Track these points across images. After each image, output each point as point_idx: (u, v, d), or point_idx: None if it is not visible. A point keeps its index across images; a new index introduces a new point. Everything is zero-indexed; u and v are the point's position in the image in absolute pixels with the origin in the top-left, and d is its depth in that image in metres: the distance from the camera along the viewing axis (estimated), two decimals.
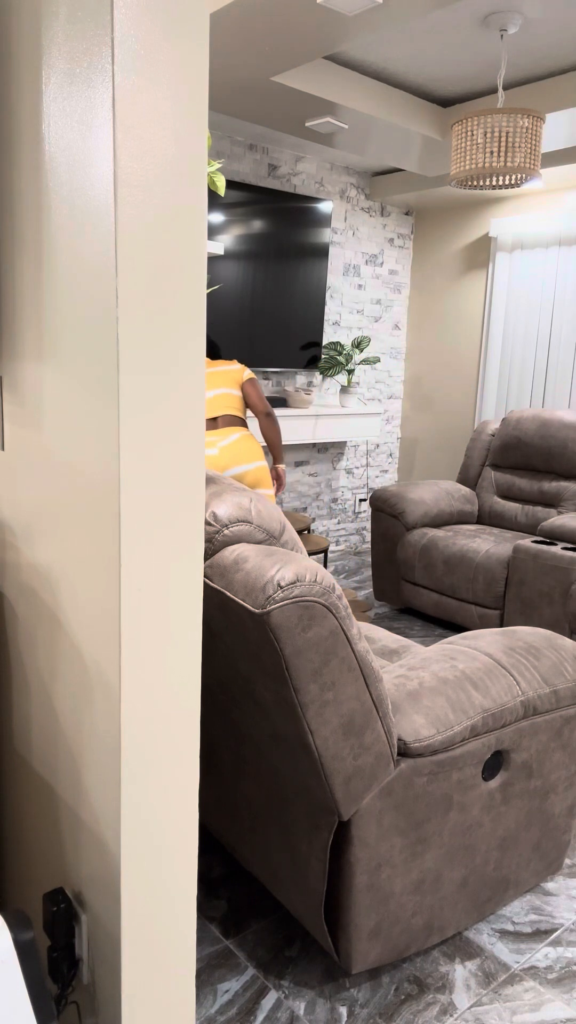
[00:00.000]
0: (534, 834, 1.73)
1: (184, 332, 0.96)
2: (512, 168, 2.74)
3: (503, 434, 3.98)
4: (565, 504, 3.73)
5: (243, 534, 1.36)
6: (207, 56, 0.92)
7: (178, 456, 0.99)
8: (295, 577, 1.22)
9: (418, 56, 3.19)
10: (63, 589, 1.12)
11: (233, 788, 1.67)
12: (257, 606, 1.21)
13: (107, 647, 1.01)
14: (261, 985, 1.55)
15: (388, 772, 1.40)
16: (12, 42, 1.09)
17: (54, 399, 1.07)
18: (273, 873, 1.60)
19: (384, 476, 5.40)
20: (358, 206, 4.74)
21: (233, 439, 3.09)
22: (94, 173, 0.91)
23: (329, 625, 1.26)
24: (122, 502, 0.95)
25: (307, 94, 3.21)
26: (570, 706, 1.70)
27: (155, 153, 0.90)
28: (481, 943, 1.68)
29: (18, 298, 1.15)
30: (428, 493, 3.91)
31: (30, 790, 1.34)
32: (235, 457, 3.05)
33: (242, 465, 3.05)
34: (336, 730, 1.31)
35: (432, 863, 1.52)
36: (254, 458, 3.06)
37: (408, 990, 1.56)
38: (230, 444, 3.08)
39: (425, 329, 5.17)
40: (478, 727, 1.51)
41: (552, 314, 4.41)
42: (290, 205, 4.21)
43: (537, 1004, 1.53)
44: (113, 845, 1.06)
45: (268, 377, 4.47)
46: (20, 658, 1.31)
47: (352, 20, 2.46)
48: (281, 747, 1.42)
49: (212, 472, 1.52)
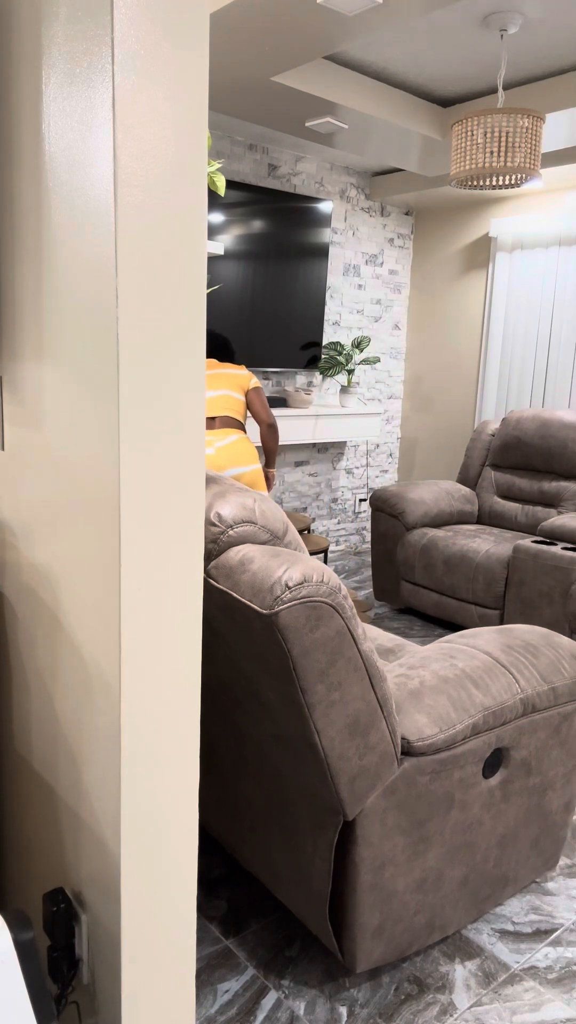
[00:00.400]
0: (532, 831, 1.73)
1: (184, 332, 0.96)
2: (512, 168, 2.74)
3: (503, 434, 3.98)
4: (565, 504, 3.73)
5: (248, 535, 1.36)
6: (207, 56, 0.92)
7: (178, 456, 0.99)
8: (302, 577, 1.22)
9: (418, 56, 3.19)
10: (63, 589, 1.12)
11: (234, 789, 1.67)
12: (265, 607, 1.21)
13: (107, 647, 1.01)
14: (261, 985, 1.55)
15: (392, 771, 1.40)
16: (12, 42, 1.09)
17: (54, 399, 1.07)
18: (275, 873, 1.60)
19: (384, 476, 5.40)
20: (358, 206, 4.74)
21: (231, 440, 3.10)
22: (94, 173, 0.91)
23: (336, 625, 1.26)
24: (122, 502, 0.95)
25: (307, 94, 3.21)
26: (568, 703, 1.70)
27: (155, 153, 0.90)
28: (481, 943, 1.68)
29: (18, 298, 1.15)
30: (428, 493, 3.91)
31: (30, 790, 1.34)
32: (232, 458, 3.06)
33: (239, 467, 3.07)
34: (342, 730, 1.31)
35: (434, 861, 1.52)
36: (251, 460, 3.08)
37: (408, 990, 1.56)
38: (227, 445, 3.09)
39: (425, 329, 5.17)
40: (479, 725, 1.51)
41: (552, 314, 4.41)
42: (290, 205, 4.21)
43: (537, 1004, 1.53)
44: (113, 845, 1.06)
45: (268, 377, 4.47)
46: (20, 658, 1.32)
47: (352, 20, 2.46)
48: (285, 747, 1.42)
49: (214, 472, 1.52)
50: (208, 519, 1.35)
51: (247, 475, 3.08)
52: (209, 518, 1.35)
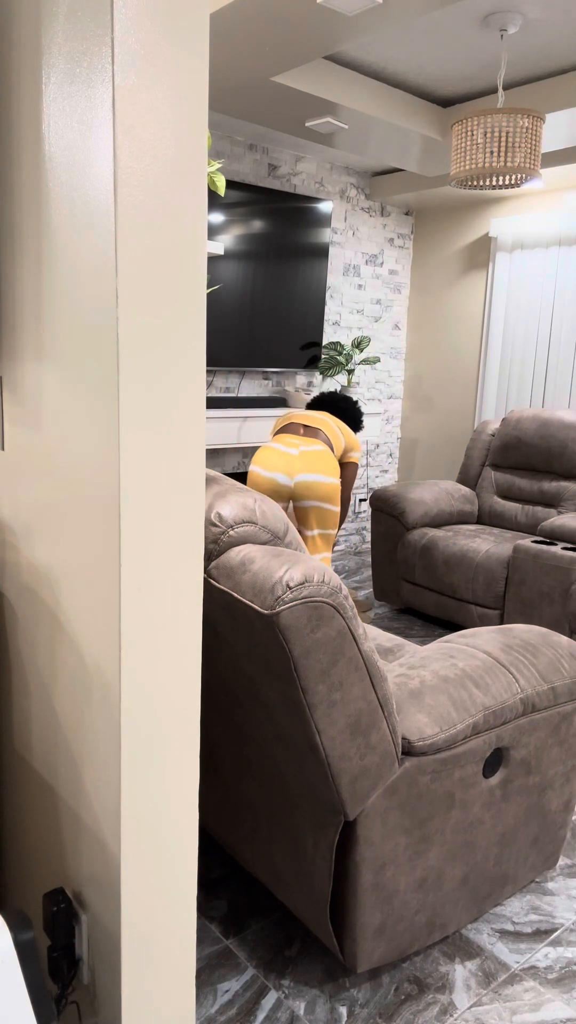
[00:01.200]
0: (532, 830, 1.73)
1: (184, 332, 0.96)
2: (512, 168, 2.74)
3: (503, 434, 3.98)
4: (565, 504, 3.73)
5: (248, 535, 1.36)
6: (207, 56, 0.92)
7: (178, 455, 0.99)
8: (304, 578, 1.22)
9: (418, 56, 3.19)
10: (63, 589, 1.12)
11: (235, 789, 1.67)
12: (266, 607, 1.21)
13: (107, 647, 1.01)
14: (261, 985, 1.55)
15: (393, 771, 1.40)
16: (12, 42, 1.09)
17: (54, 399, 1.07)
18: (275, 874, 1.60)
19: (384, 476, 5.40)
20: (358, 206, 4.74)
21: (316, 448, 2.98)
22: (94, 173, 0.91)
23: (337, 625, 1.26)
24: (122, 502, 0.95)
25: (307, 94, 3.21)
26: (567, 703, 1.70)
27: (155, 153, 0.90)
28: (481, 943, 1.68)
29: (18, 298, 1.15)
30: (428, 493, 3.91)
31: (30, 790, 1.34)
32: (312, 465, 2.93)
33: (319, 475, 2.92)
34: (343, 730, 1.31)
35: (434, 861, 1.52)
36: (333, 473, 2.94)
37: (408, 990, 1.55)
38: (312, 452, 2.96)
39: (425, 329, 5.17)
40: (479, 725, 1.51)
41: (552, 314, 4.41)
42: (290, 205, 4.21)
43: (537, 1004, 1.53)
44: (113, 845, 1.06)
45: (268, 377, 4.47)
46: (20, 658, 1.32)
47: (352, 20, 2.46)
48: (286, 748, 1.42)
49: (213, 472, 1.52)
50: (209, 519, 1.35)
51: (326, 485, 2.93)
52: (210, 518, 1.35)
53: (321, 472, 2.92)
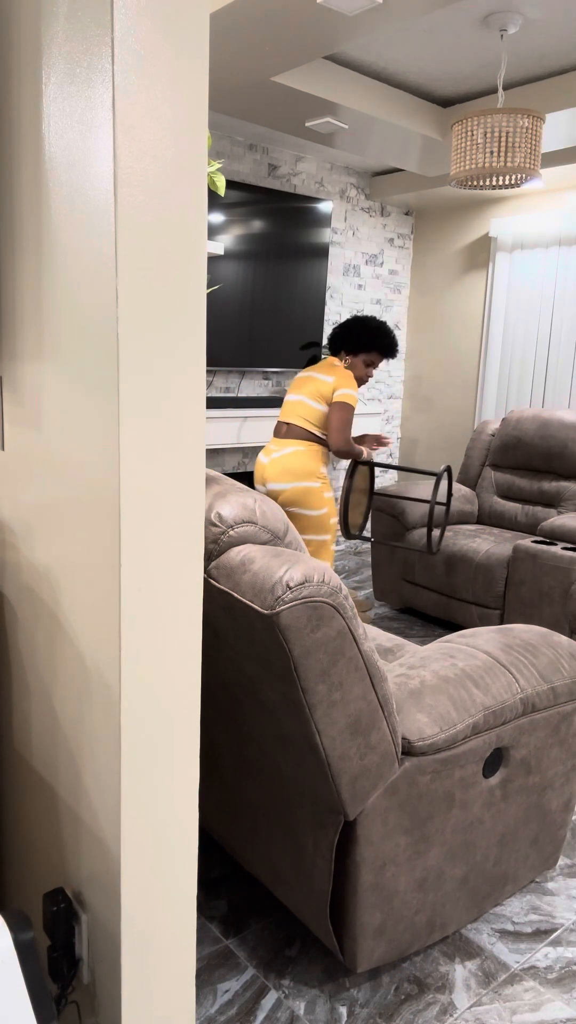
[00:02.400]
0: (532, 830, 1.73)
1: (184, 332, 0.96)
2: (512, 168, 2.74)
3: (503, 434, 3.98)
4: (565, 504, 3.73)
5: (248, 535, 1.36)
6: (207, 56, 0.92)
7: (178, 455, 0.99)
8: (304, 578, 1.22)
9: (418, 56, 3.19)
10: (63, 589, 1.12)
11: (235, 790, 1.67)
12: (266, 607, 1.21)
13: (107, 647, 1.01)
14: (261, 985, 1.55)
15: (393, 771, 1.40)
16: (12, 42, 1.09)
17: (54, 399, 1.07)
18: (275, 874, 1.60)
19: (384, 476, 5.40)
20: (358, 206, 4.74)
21: (285, 452, 3.06)
22: (94, 173, 0.91)
23: (337, 625, 1.26)
24: (122, 502, 0.95)
25: (307, 94, 3.21)
26: (567, 703, 1.70)
27: (155, 153, 0.90)
28: (481, 943, 1.68)
29: (18, 298, 1.15)
30: (428, 493, 3.91)
31: (30, 790, 1.34)
32: (277, 474, 3.05)
33: (280, 483, 3.05)
34: (343, 730, 1.31)
35: (435, 861, 1.52)
36: (295, 478, 3.02)
37: (408, 990, 1.55)
38: (281, 457, 3.07)
39: (425, 329, 5.17)
40: (479, 725, 1.51)
41: (552, 314, 4.41)
42: (290, 205, 4.21)
43: (537, 1004, 1.53)
44: (113, 845, 1.06)
45: (268, 377, 4.47)
46: (20, 658, 1.32)
47: (352, 20, 2.46)
48: (286, 748, 1.42)
49: (213, 472, 1.52)
50: (209, 519, 1.35)
51: (286, 492, 3.04)
52: (210, 518, 1.35)
53: (283, 480, 3.05)
